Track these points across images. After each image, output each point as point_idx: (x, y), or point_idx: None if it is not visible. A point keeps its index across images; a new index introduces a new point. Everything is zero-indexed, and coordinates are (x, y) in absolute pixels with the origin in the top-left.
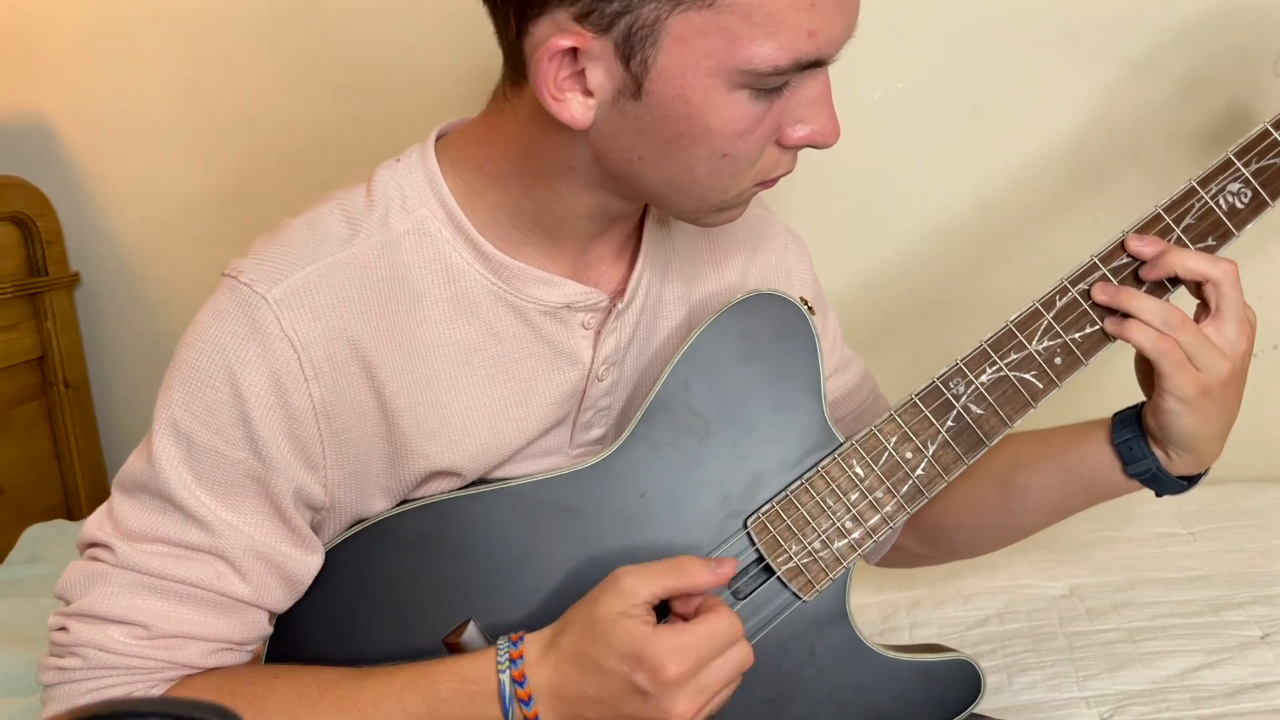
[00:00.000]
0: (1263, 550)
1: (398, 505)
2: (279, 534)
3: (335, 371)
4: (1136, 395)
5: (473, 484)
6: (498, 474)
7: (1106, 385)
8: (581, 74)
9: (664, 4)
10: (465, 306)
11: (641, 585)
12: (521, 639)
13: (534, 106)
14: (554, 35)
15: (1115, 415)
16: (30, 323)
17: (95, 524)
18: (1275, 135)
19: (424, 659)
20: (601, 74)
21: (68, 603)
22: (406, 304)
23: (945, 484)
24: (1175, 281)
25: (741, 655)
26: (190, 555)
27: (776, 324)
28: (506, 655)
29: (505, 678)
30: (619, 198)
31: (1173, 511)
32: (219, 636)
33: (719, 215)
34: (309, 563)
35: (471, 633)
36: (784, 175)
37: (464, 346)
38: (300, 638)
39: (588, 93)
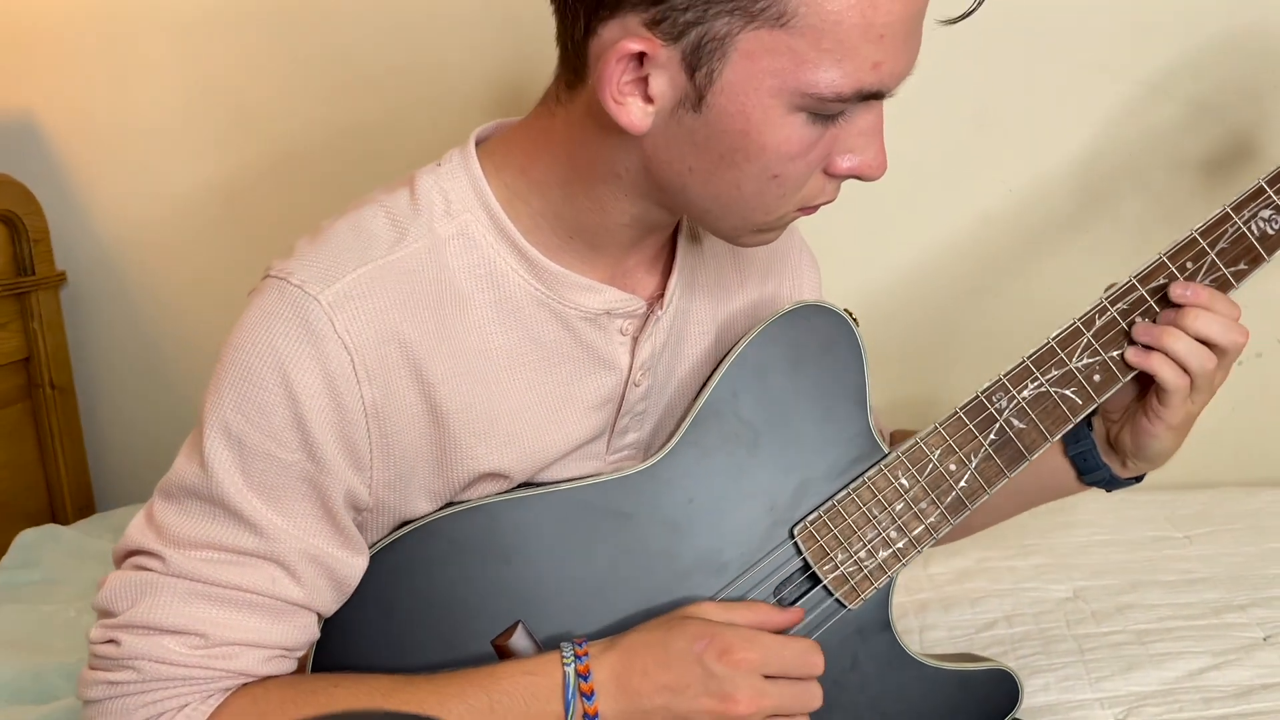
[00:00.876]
0: (1258, 553)
1: (445, 507)
2: (328, 536)
3: (386, 374)
4: None
5: (519, 487)
6: (541, 477)
7: None
8: (644, 80)
9: (737, 19)
10: (509, 311)
11: (719, 610)
12: (584, 642)
13: (588, 109)
14: (623, 38)
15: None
16: (17, 323)
17: (137, 532)
18: None
19: (471, 661)
20: (665, 82)
21: (113, 615)
22: (453, 308)
23: (987, 496)
24: None
25: (811, 692)
26: (244, 560)
27: (823, 335)
28: (571, 651)
29: (570, 670)
30: (660, 208)
31: (1166, 515)
32: (275, 643)
33: (757, 236)
34: (356, 564)
35: (520, 635)
36: (826, 204)
37: (507, 350)
38: (348, 642)
39: (648, 99)
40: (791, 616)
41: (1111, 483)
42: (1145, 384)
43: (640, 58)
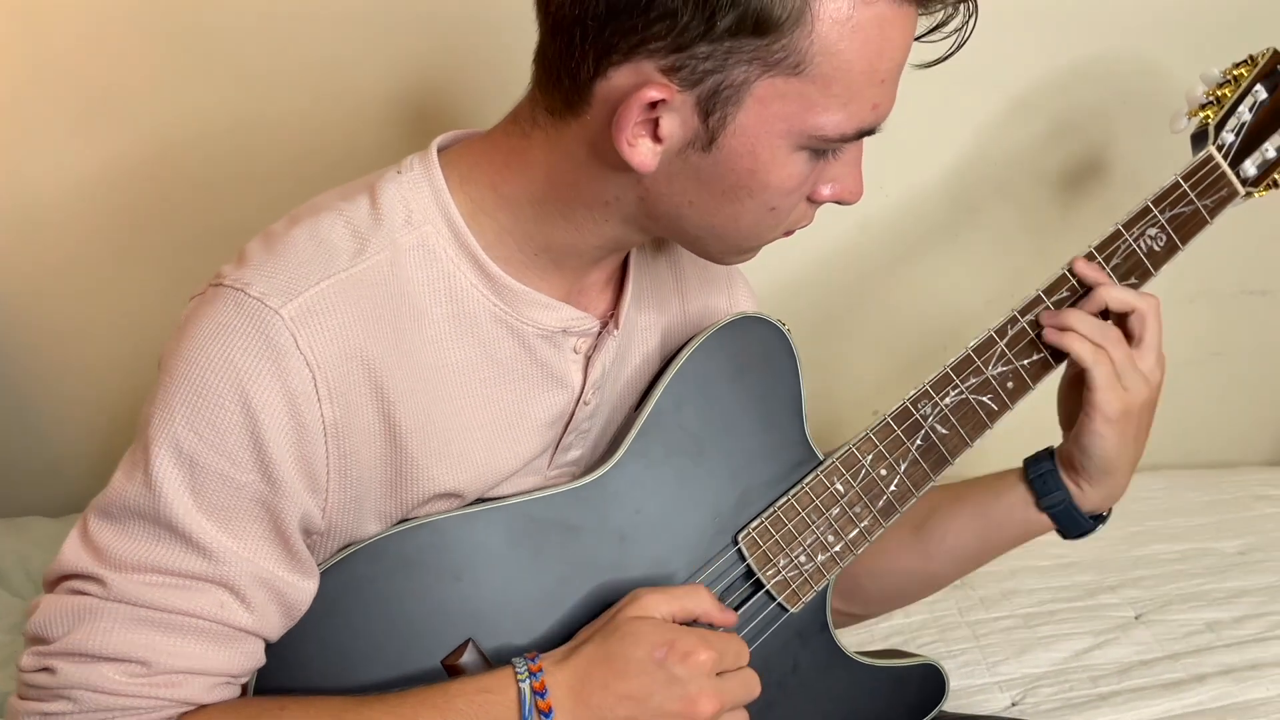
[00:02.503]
0: (1123, 537)
1: (392, 526)
2: (279, 559)
3: (347, 392)
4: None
5: (471, 503)
6: (488, 494)
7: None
8: (654, 121)
9: (754, 68)
10: (467, 327)
11: (662, 602)
12: (536, 656)
13: (581, 141)
14: (642, 85)
15: (1027, 459)
16: None
17: (72, 554)
18: (1184, 186)
19: (421, 680)
20: (676, 124)
21: (46, 641)
22: (410, 321)
23: (915, 499)
24: (1104, 315)
25: (754, 681)
26: (191, 585)
27: (761, 345)
28: (525, 667)
29: (525, 687)
30: (641, 233)
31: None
32: (220, 670)
33: (740, 257)
34: (306, 588)
35: (471, 653)
36: (803, 228)
37: (463, 367)
38: (293, 664)
39: (657, 139)
40: (730, 618)
41: (1071, 514)
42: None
43: (654, 102)
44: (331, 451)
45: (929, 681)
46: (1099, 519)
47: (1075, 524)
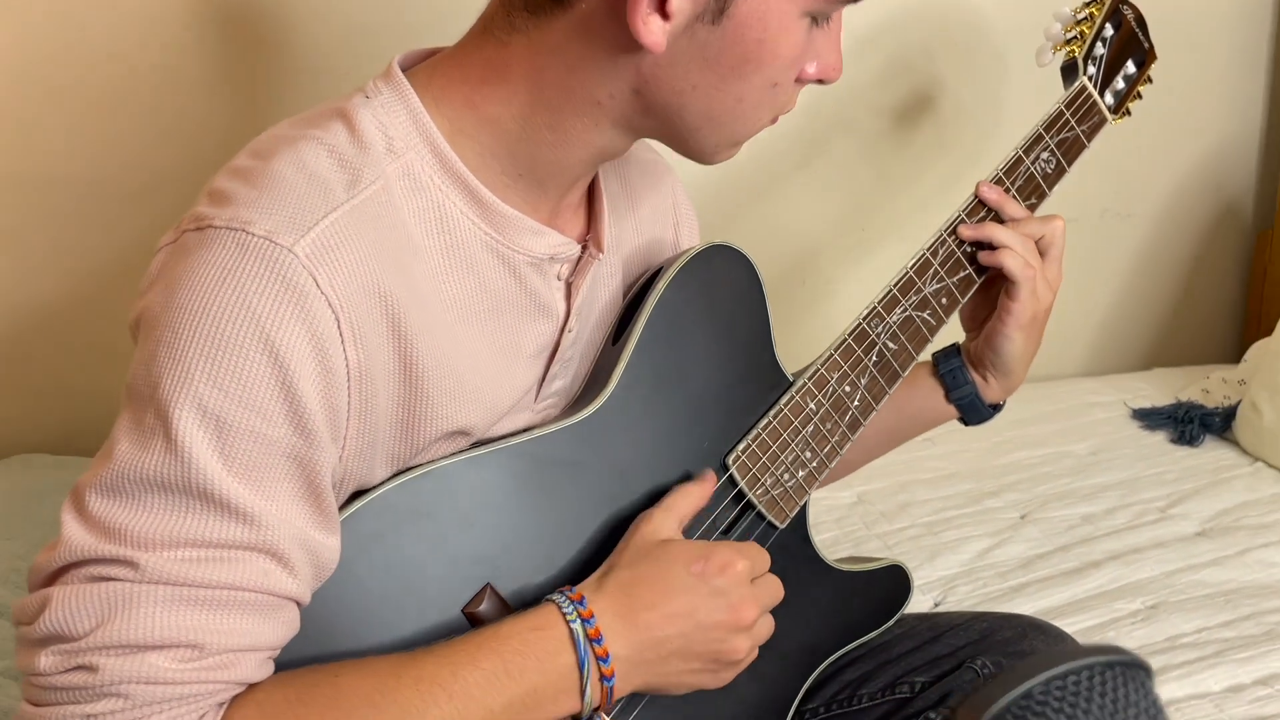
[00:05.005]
0: (988, 448)
1: (394, 475)
2: (311, 518)
3: (368, 333)
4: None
5: (469, 447)
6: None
7: None
8: None
9: None
10: (461, 259)
11: (666, 517)
12: (572, 588)
13: (571, 35)
14: None
15: (935, 354)
16: None
17: (79, 541)
18: (1066, 114)
19: (445, 632)
20: None
21: (72, 638)
22: (410, 255)
23: (875, 412)
24: None
25: (778, 584)
26: (232, 555)
27: (730, 273)
28: (565, 598)
29: (574, 617)
30: (628, 135)
31: None
32: (269, 643)
33: (730, 149)
34: (335, 546)
35: (491, 599)
36: (787, 113)
37: (461, 300)
38: (312, 634)
39: (665, 16)
40: (708, 483)
41: (975, 405)
42: (993, 297)
43: None
44: (354, 396)
45: (896, 580)
46: (996, 408)
47: (978, 413)
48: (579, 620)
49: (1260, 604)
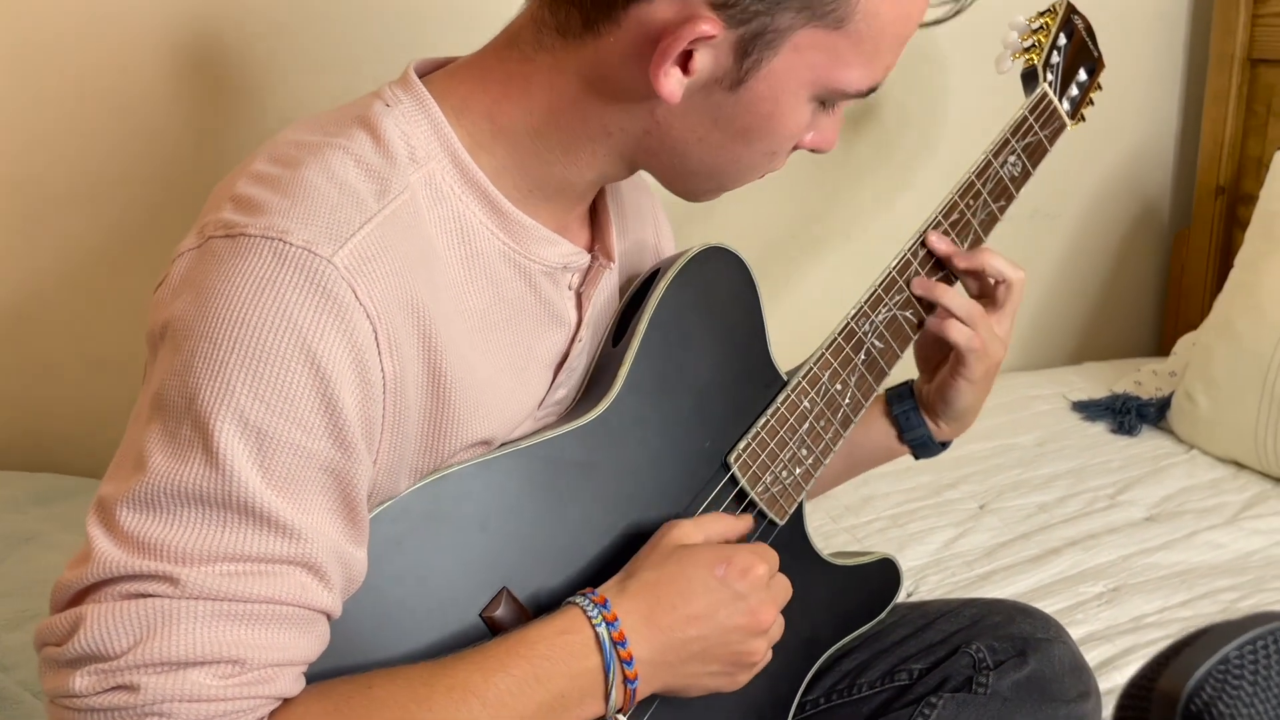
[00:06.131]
0: None
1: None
2: (344, 532)
3: (402, 344)
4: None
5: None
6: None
7: None
8: (687, 53)
9: (800, 16)
10: (480, 269)
11: (696, 529)
12: (594, 590)
13: (596, 64)
14: (691, 18)
15: (888, 391)
16: None
17: (112, 558)
18: (1030, 119)
19: (466, 638)
20: (709, 60)
21: (109, 657)
22: (436, 267)
23: (865, 409)
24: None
25: (789, 584)
26: (272, 570)
27: (726, 274)
28: (588, 601)
29: (598, 620)
30: (627, 168)
31: None
32: (305, 658)
33: (717, 195)
34: (364, 559)
35: (508, 603)
36: (775, 171)
37: (480, 311)
38: (335, 645)
39: (685, 71)
40: (746, 523)
41: (925, 447)
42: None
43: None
44: (389, 408)
45: (886, 573)
46: (945, 445)
47: (929, 451)
48: (604, 624)
49: (1213, 583)
